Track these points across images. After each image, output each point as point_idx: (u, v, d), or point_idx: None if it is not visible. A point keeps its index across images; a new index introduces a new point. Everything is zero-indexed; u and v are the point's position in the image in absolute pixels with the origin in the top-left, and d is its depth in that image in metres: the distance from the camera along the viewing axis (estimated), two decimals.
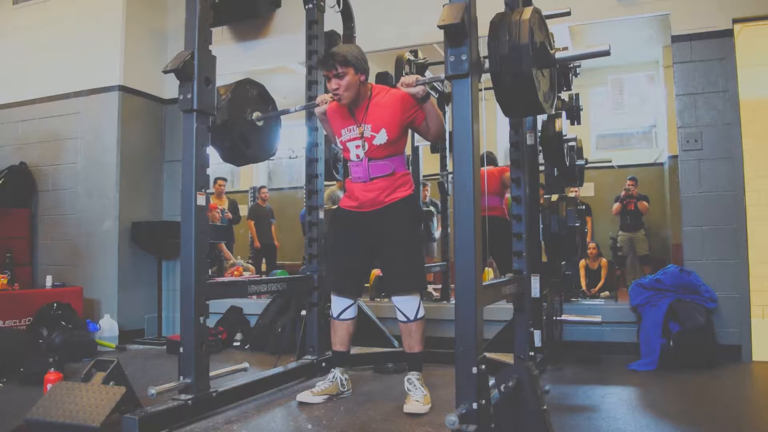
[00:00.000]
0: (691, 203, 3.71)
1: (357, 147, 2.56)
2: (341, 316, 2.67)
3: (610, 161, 5.83)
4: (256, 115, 2.99)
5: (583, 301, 4.52)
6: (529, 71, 1.94)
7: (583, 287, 5.42)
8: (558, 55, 2.13)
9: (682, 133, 3.76)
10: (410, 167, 4.57)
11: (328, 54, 2.50)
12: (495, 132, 5.59)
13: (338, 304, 2.66)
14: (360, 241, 2.61)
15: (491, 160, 4.82)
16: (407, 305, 2.50)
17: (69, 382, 2.36)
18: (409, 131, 2.69)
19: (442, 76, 2.47)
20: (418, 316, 2.51)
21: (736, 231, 3.59)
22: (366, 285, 5.07)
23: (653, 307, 3.56)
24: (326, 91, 2.68)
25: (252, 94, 3.02)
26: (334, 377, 2.66)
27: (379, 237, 2.55)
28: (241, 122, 2.93)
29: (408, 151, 4.59)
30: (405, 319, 2.51)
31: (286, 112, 3.18)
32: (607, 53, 2.06)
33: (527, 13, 1.99)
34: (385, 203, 2.53)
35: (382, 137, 2.50)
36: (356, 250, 2.62)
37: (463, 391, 1.79)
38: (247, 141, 2.95)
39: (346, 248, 2.66)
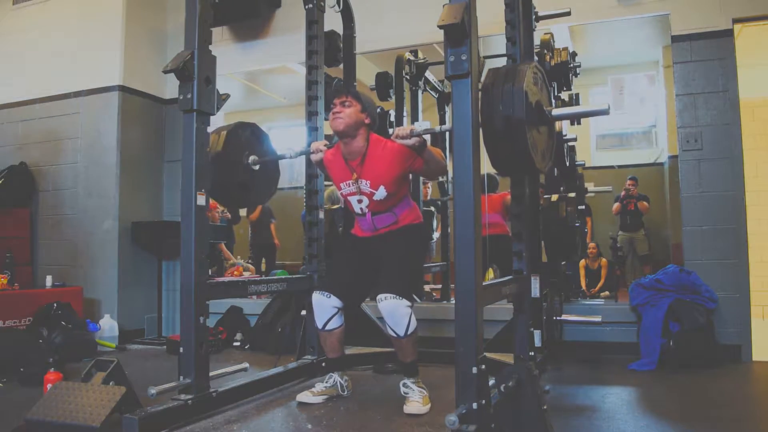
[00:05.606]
0: (691, 203, 3.71)
1: (359, 201, 2.57)
2: (327, 327, 2.56)
3: (610, 190, 5.87)
4: (252, 159, 2.90)
5: (583, 301, 4.52)
6: (525, 145, 1.98)
7: (583, 287, 5.42)
8: (555, 112, 2.18)
9: (682, 133, 3.76)
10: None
11: (344, 86, 2.53)
12: None
13: (321, 310, 2.54)
14: (362, 256, 2.64)
15: (492, 184, 4.83)
16: (394, 318, 2.34)
17: (69, 382, 2.36)
18: None
19: (437, 128, 2.49)
20: (409, 333, 2.36)
21: (736, 231, 3.59)
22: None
23: (653, 307, 3.56)
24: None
25: (245, 136, 2.91)
26: (334, 381, 2.65)
27: (382, 253, 2.56)
28: (237, 170, 2.86)
29: None
30: (395, 335, 2.39)
31: (282, 157, 3.08)
32: (606, 113, 2.10)
33: (521, 77, 2.01)
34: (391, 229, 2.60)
35: (381, 193, 2.51)
36: (357, 262, 2.64)
37: (463, 391, 1.79)
38: (245, 187, 2.90)
39: (346, 260, 2.70)
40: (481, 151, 1.95)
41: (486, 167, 2.14)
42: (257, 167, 2.93)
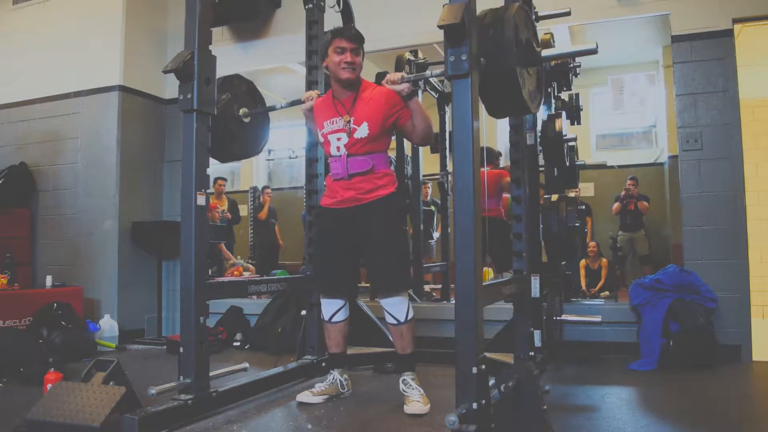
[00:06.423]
0: (691, 203, 3.71)
1: (338, 139, 2.53)
2: (333, 319, 2.65)
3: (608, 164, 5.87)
4: (242, 111, 2.95)
5: (583, 301, 4.52)
6: (513, 70, 1.94)
7: (583, 287, 5.42)
8: (544, 52, 2.15)
9: (682, 133, 3.76)
10: (409, 166, 4.57)
11: (354, 29, 2.55)
12: (495, 132, 5.58)
13: (328, 306, 2.65)
14: (343, 239, 2.58)
15: (490, 156, 4.79)
16: (396, 308, 2.47)
17: (69, 382, 2.35)
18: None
19: (428, 73, 2.49)
20: (408, 318, 2.49)
21: (736, 231, 3.59)
22: (365, 284, 5.08)
23: (653, 307, 3.56)
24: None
25: (240, 90, 2.98)
26: (333, 379, 2.66)
27: (361, 236, 2.52)
28: (226, 118, 2.89)
29: (408, 150, 4.62)
30: (395, 322, 2.49)
31: (273, 108, 3.12)
32: (594, 51, 2.08)
33: (512, 9, 1.99)
34: (365, 201, 2.51)
35: (363, 131, 2.48)
36: (341, 249, 2.60)
37: (463, 391, 1.79)
38: (232, 136, 2.93)
39: (330, 248, 2.64)
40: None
41: (483, 140, 2.10)
42: (248, 119, 2.96)
